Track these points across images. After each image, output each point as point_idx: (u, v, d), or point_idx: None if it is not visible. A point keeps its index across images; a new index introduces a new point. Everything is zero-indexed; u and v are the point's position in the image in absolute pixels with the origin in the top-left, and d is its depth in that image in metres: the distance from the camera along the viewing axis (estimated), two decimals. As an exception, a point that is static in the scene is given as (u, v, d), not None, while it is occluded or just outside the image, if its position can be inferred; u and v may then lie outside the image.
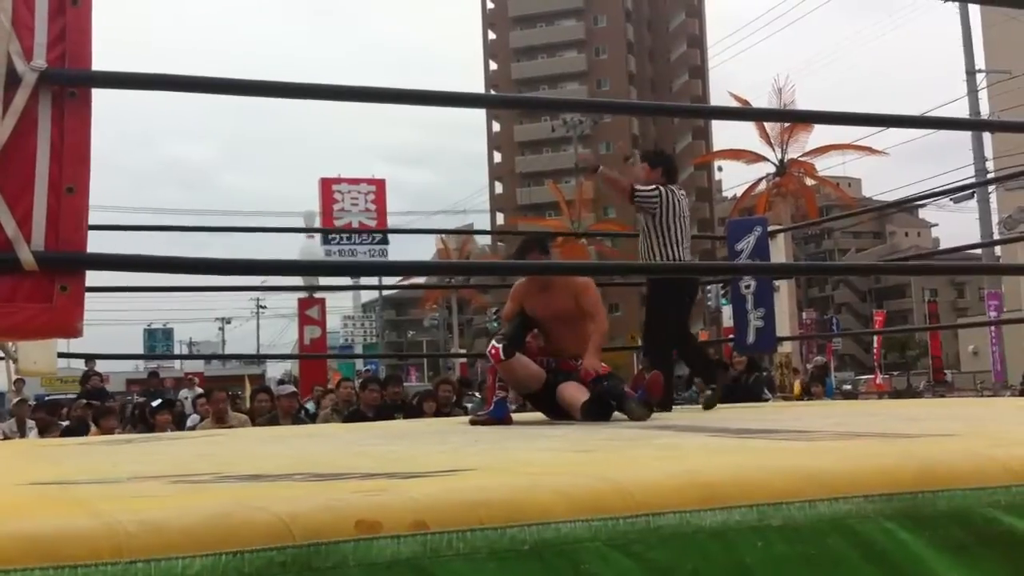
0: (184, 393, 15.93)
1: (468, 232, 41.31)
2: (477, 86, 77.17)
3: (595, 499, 1.69)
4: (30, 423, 10.75)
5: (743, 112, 12.59)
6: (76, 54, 2.08)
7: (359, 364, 36.80)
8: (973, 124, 16.66)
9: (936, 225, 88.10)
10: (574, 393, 5.05)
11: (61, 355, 6.58)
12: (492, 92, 75.63)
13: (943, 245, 78.27)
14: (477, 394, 11.12)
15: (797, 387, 8.62)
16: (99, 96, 2.14)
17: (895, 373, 45.25)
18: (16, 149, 2.00)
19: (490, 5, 77.48)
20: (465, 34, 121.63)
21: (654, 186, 6.07)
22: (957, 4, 24.55)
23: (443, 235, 49.50)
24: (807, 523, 1.75)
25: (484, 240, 63.39)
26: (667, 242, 5.94)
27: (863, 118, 3.73)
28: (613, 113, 51.83)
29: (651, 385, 4.98)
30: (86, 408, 10.53)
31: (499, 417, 5.17)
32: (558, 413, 5.21)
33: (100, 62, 2.17)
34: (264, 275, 3.45)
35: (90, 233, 2.10)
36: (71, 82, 2.07)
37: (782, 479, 1.85)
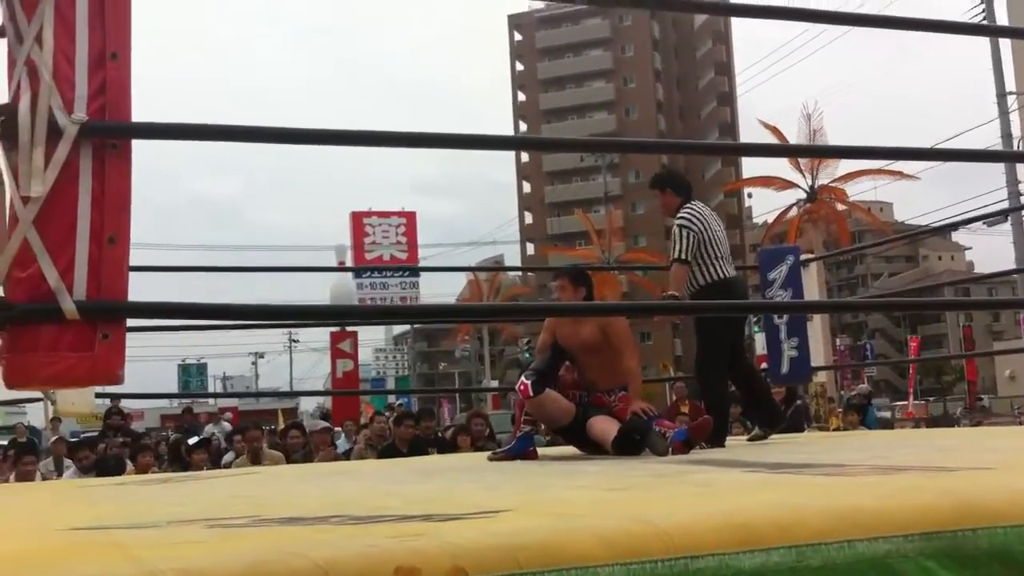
0: (210, 429, 15.96)
1: (500, 269, 41.36)
2: (506, 116, 77.63)
3: (633, 542, 1.69)
4: (67, 461, 10.83)
5: (773, 148, 12.57)
6: (116, 106, 2.13)
7: (391, 396, 36.85)
8: (1009, 156, 16.52)
9: (970, 248, 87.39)
10: (605, 427, 5.03)
11: (97, 395, 6.66)
12: (520, 122, 76.04)
13: (977, 268, 77.67)
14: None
15: (834, 420, 8.55)
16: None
17: (931, 399, 44.70)
18: (58, 201, 2.05)
19: (518, 37, 77.96)
20: (492, 65, 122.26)
21: (692, 209, 5.86)
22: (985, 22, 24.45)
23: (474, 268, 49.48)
24: (846, 563, 1.74)
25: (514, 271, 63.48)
26: (711, 260, 5.74)
27: (895, 152, 3.73)
28: (640, 152, 51.41)
29: (697, 428, 4.96)
30: (122, 446, 10.61)
31: (520, 452, 5.16)
32: (589, 446, 5.20)
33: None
34: (298, 319, 3.48)
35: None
36: (112, 134, 2.11)
37: (820, 518, 1.84)
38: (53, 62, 2.09)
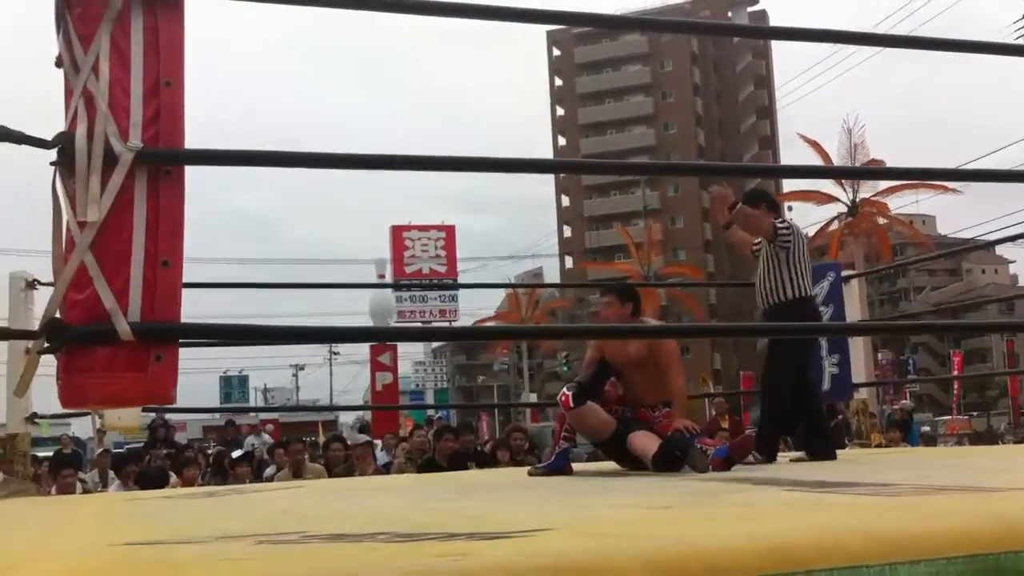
0: (251, 440, 16.06)
1: (538, 286, 41.35)
2: (544, 131, 77.74)
3: (673, 563, 1.71)
4: (111, 474, 10.97)
5: (818, 171, 12.49)
6: (170, 133, 2.19)
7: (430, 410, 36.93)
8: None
9: (1013, 262, 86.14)
10: (645, 442, 5.04)
11: (143, 409, 6.76)
12: (559, 137, 76.14)
13: (1021, 282, 76.60)
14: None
15: (876, 436, 8.48)
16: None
17: (975, 414, 44.12)
18: (114, 225, 2.11)
19: (556, 52, 78.13)
20: (531, 80, 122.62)
21: (787, 224, 5.80)
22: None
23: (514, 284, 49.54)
24: (888, 587, 1.75)
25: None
26: (799, 276, 5.66)
27: (939, 173, 3.72)
28: (680, 176, 51.16)
29: (738, 446, 4.96)
30: (167, 458, 10.75)
31: (559, 468, 5.19)
32: (629, 462, 5.21)
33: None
34: (335, 341, 3.53)
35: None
36: (166, 161, 2.17)
37: (861, 540, 1.85)
38: (109, 91, 2.16)
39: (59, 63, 2.24)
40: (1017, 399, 34.27)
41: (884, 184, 31.86)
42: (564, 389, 5.28)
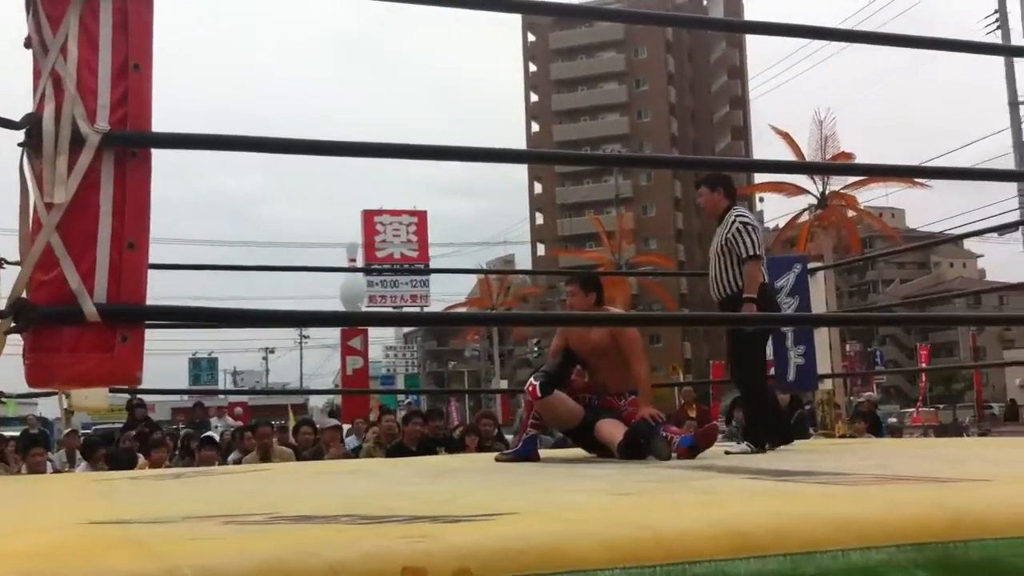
0: (214, 422, 16.00)
1: (510, 272, 41.35)
2: (518, 116, 77.61)
3: (633, 546, 1.75)
4: (78, 455, 10.92)
5: (793, 166, 12.54)
6: (137, 116, 2.20)
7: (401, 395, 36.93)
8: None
9: (982, 256, 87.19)
10: (612, 430, 5.08)
11: (111, 390, 6.72)
12: (533, 123, 76.05)
13: (988, 276, 77.38)
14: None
15: (841, 426, 8.58)
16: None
17: (941, 406, 44.63)
18: (80, 207, 2.12)
19: (531, 37, 77.99)
20: (505, 66, 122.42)
21: (746, 215, 5.76)
22: (999, 33, 24.43)
23: (485, 271, 49.52)
24: (840, 572, 1.79)
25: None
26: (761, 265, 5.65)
27: (913, 170, 3.76)
28: (656, 168, 50.87)
29: (703, 434, 5.01)
30: (135, 439, 10.70)
31: (525, 455, 5.23)
32: (597, 449, 5.26)
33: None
34: (305, 325, 3.54)
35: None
36: (133, 143, 2.18)
37: (816, 527, 1.89)
38: (77, 73, 2.16)
39: (28, 44, 2.24)
40: (981, 393, 34.70)
41: (854, 177, 32.08)
42: (531, 379, 5.32)
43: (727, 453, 5.20)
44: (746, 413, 5.94)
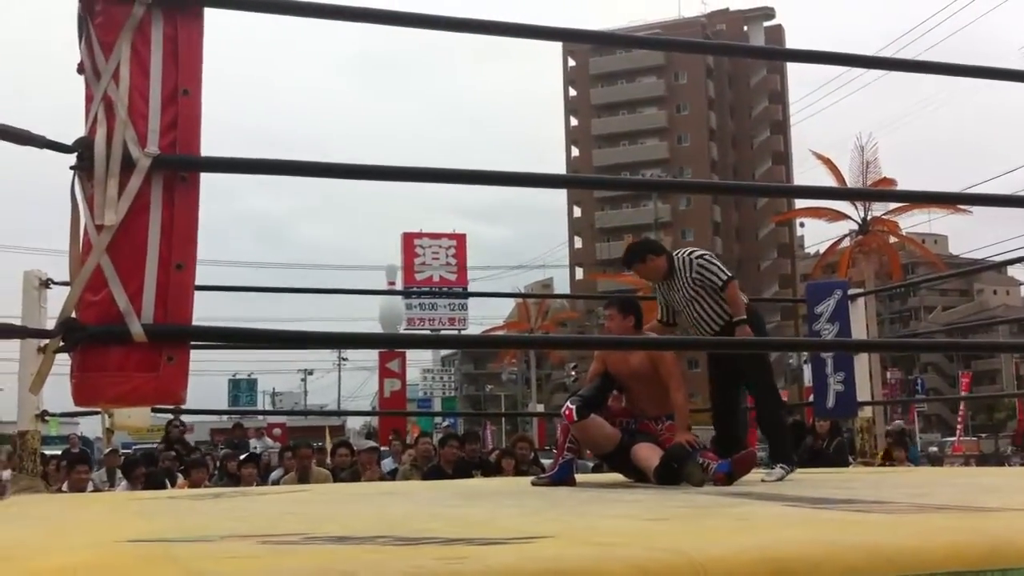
0: (253, 443, 16.08)
1: (548, 296, 41.32)
2: (558, 142, 77.79)
3: (667, 572, 1.75)
4: (118, 474, 11.02)
5: (835, 192, 12.50)
6: (187, 140, 2.25)
7: (437, 417, 36.98)
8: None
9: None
10: (648, 454, 5.07)
11: (153, 410, 6.81)
12: (572, 147, 76.23)
13: (1034, 304, 76.25)
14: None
15: (879, 455, 8.50)
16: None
17: (983, 435, 43.97)
18: (130, 229, 2.16)
19: (571, 63, 78.25)
20: (546, 91, 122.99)
21: (697, 250, 5.73)
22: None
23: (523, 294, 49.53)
24: (875, 600, 1.79)
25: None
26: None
27: (956, 197, 3.75)
28: (693, 193, 50.84)
29: (740, 461, 4.98)
30: (174, 459, 10.79)
31: (562, 479, 5.23)
32: (633, 473, 5.25)
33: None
34: (345, 346, 3.58)
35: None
36: (182, 167, 2.23)
37: (851, 555, 1.89)
38: (128, 98, 2.21)
39: (80, 69, 2.30)
40: (1023, 422, 34.13)
41: (896, 203, 31.82)
42: (568, 403, 5.32)
43: (763, 481, 5.17)
44: (768, 434, 5.90)
